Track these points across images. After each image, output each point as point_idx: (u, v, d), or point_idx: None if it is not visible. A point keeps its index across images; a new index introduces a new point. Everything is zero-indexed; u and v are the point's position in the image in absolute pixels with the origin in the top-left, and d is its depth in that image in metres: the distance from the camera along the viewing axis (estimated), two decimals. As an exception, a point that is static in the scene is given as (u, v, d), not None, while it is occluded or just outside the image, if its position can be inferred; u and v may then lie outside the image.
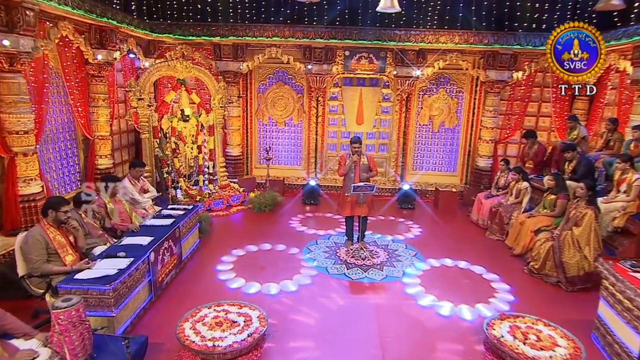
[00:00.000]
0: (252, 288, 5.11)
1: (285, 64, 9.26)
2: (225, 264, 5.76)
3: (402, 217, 8.21)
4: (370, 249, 6.40)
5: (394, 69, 9.07)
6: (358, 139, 6.07)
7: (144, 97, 7.20)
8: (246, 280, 5.29)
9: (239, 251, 6.19)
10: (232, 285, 5.17)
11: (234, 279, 5.34)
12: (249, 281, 5.26)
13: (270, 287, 5.14)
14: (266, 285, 5.17)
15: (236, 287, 5.13)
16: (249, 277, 5.35)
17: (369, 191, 5.86)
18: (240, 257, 6.03)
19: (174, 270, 5.25)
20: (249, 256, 6.07)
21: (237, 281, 5.27)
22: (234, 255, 6.04)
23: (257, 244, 6.46)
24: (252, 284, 5.21)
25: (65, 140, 7.06)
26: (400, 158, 9.78)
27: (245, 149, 9.98)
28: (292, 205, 8.72)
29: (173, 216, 5.60)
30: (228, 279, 5.32)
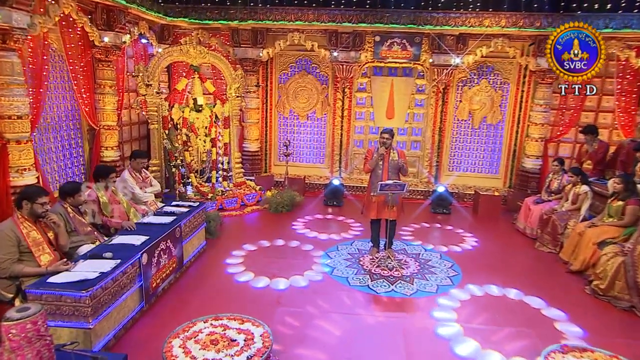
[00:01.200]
0: (260, 283, 4.76)
1: (309, 52, 8.75)
2: (234, 259, 5.27)
3: (437, 222, 7.50)
4: (398, 258, 5.76)
5: (429, 56, 8.39)
6: (389, 129, 5.49)
7: (152, 84, 6.82)
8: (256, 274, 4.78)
9: (251, 246, 5.68)
10: (239, 279, 4.78)
11: (242, 273, 4.83)
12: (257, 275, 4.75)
13: (279, 282, 4.86)
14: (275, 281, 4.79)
15: (243, 281, 4.68)
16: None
17: (399, 191, 5.23)
18: (250, 251, 5.51)
19: (173, 275, 4.78)
20: (258, 251, 5.55)
21: (245, 276, 4.76)
22: (245, 250, 5.53)
23: (269, 240, 5.92)
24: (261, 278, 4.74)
25: (68, 129, 6.77)
26: (435, 157, 9.07)
27: (264, 144, 9.51)
28: (312, 206, 8.17)
29: (175, 214, 5.15)
30: (236, 273, 4.82)
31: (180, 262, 4.95)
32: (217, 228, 6.42)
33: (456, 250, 6.25)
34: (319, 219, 7.43)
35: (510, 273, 5.49)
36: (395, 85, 8.90)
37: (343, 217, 7.58)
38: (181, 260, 4.98)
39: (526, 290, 4.93)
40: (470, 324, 4.25)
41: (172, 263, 4.73)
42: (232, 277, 5.01)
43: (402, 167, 5.53)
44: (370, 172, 5.64)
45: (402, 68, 8.81)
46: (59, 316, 3.25)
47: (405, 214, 6.43)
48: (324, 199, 8.32)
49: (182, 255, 5.01)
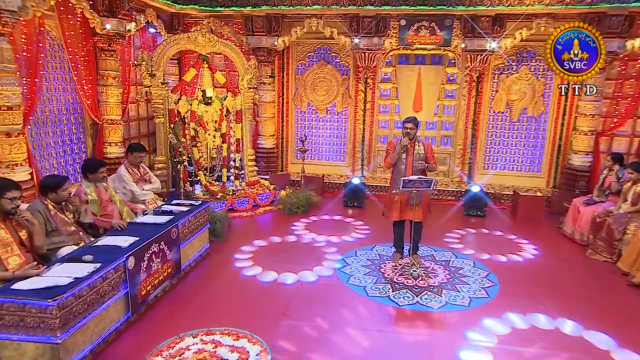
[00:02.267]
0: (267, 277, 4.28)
1: (328, 39, 8.31)
2: (243, 254, 4.86)
3: (470, 226, 6.88)
4: (424, 266, 5.21)
5: (462, 41, 7.78)
6: (412, 118, 5.01)
7: (157, 74, 6.54)
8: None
9: (261, 242, 5.27)
10: (247, 273, 4.35)
11: (251, 267, 4.41)
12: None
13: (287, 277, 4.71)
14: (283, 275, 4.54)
15: (250, 275, 4.22)
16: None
17: (424, 188, 4.69)
18: (260, 247, 5.10)
19: (168, 281, 4.41)
20: (268, 246, 5.13)
21: (253, 269, 4.34)
22: (255, 246, 5.11)
23: (281, 236, 5.51)
24: (269, 272, 4.27)
25: (69, 123, 6.57)
26: (468, 154, 8.44)
27: (280, 141, 9.13)
28: (331, 206, 7.70)
29: (173, 213, 4.80)
30: (244, 267, 4.41)
31: (177, 267, 4.58)
32: (223, 230, 6.06)
33: (493, 255, 5.64)
34: (329, 221, 6.95)
35: (558, 287, 4.84)
36: (423, 75, 8.33)
37: (352, 218, 7.10)
38: (178, 264, 4.61)
39: (584, 321, 4.05)
40: (509, 345, 3.67)
41: (167, 268, 4.37)
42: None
43: (428, 163, 5.00)
44: (393, 167, 5.14)
45: (431, 55, 8.24)
46: (23, 329, 2.90)
47: (433, 216, 5.87)
48: (344, 200, 7.84)
49: (180, 259, 4.64)
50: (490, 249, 5.88)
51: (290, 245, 5.84)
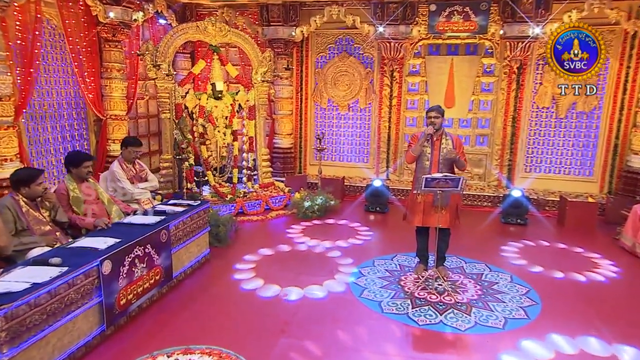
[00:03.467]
0: (269, 291, 3.77)
1: (351, 29, 7.91)
2: (245, 264, 4.47)
3: (509, 236, 6.24)
4: (452, 279, 4.67)
5: (500, 27, 7.20)
6: (438, 107, 4.55)
7: (162, 65, 6.31)
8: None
9: (267, 251, 4.86)
10: (246, 286, 3.86)
11: (251, 280, 4.01)
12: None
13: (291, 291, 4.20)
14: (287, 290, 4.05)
15: (250, 289, 3.81)
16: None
17: (450, 187, 4.16)
18: (265, 257, 4.69)
19: (156, 290, 4.08)
20: (275, 256, 4.71)
21: (254, 282, 3.94)
22: (260, 255, 4.71)
23: (291, 245, 5.07)
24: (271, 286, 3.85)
25: (71, 118, 6.43)
26: (508, 155, 7.79)
27: (298, 140, 8.75)
28: (350, 211, 7.26)
29: (167, 213, 4.47)
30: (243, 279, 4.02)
31: (167, 274, 4.24)
32: (229, 234, 5.71)
33: (534, 271, 5.01)
34: (346, 227, 6.47)
35: (616, 307, 4.19)
36: (456, 66, 7.78)
37: (372, 224, 6.57)
38: (169, 271, 4.27)
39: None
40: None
41: (155, 275, 4.03)
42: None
43: (456, 159, 4.47)
44: (416, 164, 4.65)
45: (465, 44, 7.69)
46: (-35, 341, 2.60)
47: (466, 223, 5.32)
48: (365, 204, 7.35)
49: (171, 266, 4.30)
50: (532, 261, 5.25)
51: (299, 254, 5.38)
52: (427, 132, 4.43)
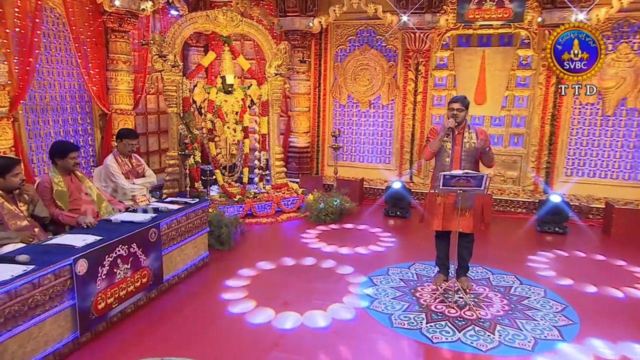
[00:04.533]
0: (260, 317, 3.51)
1: (373, 19, 7.62)
2: (238, 280, 4.21)
3: (545, 245, 5.76)
4: (475, 292, 4.27)
5: (538, 14, 6.75)
6: (461, 97, 4.20)
7: (168, 56, 6.18)
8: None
9: (268, 264, 4.58)
10: (233, 310, 3.64)
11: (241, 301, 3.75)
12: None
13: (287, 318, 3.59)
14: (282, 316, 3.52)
15: (237, 312, 3.56)
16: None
17: (473, 187, 3.79)
18: (264, 271, 4.41)
19: (143, 294, 3.86)
20: (276, 271, 4.43)
21: (243, 304, 3.67)
22: (259, 269, 4.43)
23: (296, 258, 4.77)
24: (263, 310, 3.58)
25: (74, 112, 6.38)
26: (546, 156, 7.29)
27: (315, 139, 8.49)
28: (368, 215, 6.96)
29: (160, 211, 4.27)
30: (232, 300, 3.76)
31: (157, 277, 4.02)
32: (233, 237, 5.49)
33: (572, 285, 4.54)
34: (363, 232, 6.13)
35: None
36: (489, 59, 7.36)
37: (391, 230, 6.19)
38: (159, 274, 4.06)
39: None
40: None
41: (142, 277, 3.81)
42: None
43: (484, 152, 4.10)
44: (435, 160, 4.30)
45: (498, 34, 7.25)
46: None
47: (496, 232, 4.91)
48: (384, 208, 7.00)
49: (162, 268, 4.08)
50: (570, 275, 4.77)
51: (304, 270, 4.80)
52: (447, 126, 4.08)
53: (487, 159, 4.16)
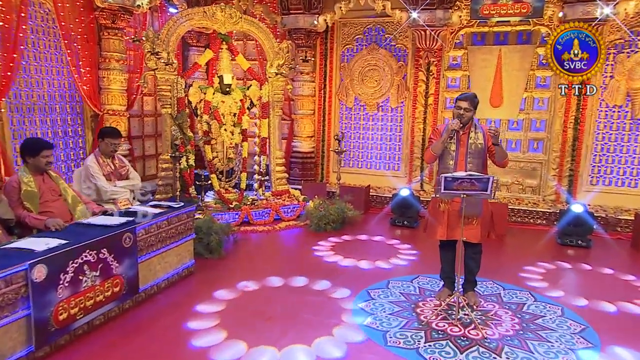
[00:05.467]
0: (228, 352, 3.23)
1: (381, 16, 7.45)
2: (211, 305, 3.98)
3: (566, 260, 5.42)
4: (483, 308, 3.98)
5: (559, 9, 6.50)
6: (469, 95, 4.05)
7: (161, 54, 6.08)
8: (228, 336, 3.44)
9: (250, 284, 4.35)
10: (197, 342, 3.37)
11: (209, 331, 3.53)
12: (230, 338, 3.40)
13: (262, 354, 3.22)
14: (256, 351, 3.24)
15: (202, 346, 3.31)
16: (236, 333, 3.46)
17: (477, 191, 3.52)
18: (245, 294, 4.19)
19: (115, 304, 3.67)
20: (259, 293, 4.21)
21: (211, 336, 3.45)
22: (238, 291, 4.20)
23: (285, 277, 4.52)
24: (234, 343, 3.33)
25: (64, 112, 6.33)
26: (569, 163, 6.96)
27: (320, 144, 8.30)
28: (373, 225, 6.73)
29: (140, 215, 4.11)
30: (198, 330, 3.54)
31: (132, 286, 3.84)
32: (224, 245, 5.32)
33: (595, 303, 4.21)
34: (366, 242, 5.88)
35: None
36: (505, 58, 7.10)
37: (396, 240, 5.92)
38: (134, 283, 3.87)
39: None
40: None
41: (114, 286, 3.63)
42: (188, 336, 3.44)
43: (499, 144, 3.88)
44: (439, 163, 4.07)
45: (516, 32, 7.01)
46: None
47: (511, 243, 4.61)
48: (391, 217, 6.74)
49: (137, 276, 3.90)
50: (592, 292, 4.44)
51: (292, 291, 4.32)
52: (451, 127, 3.84)
53: (499, 154, 3.90)
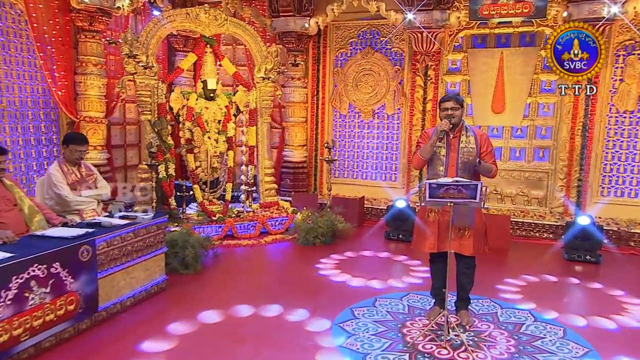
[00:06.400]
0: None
1: (376, 19, 7.35)
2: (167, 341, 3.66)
3: (572, 276, 5.20)
4: (477, 328, 3.78)
5: (564, 8, 6.37)
6: (455, 95, 3.94)
7: (140, 57, 5.99)
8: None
9: (213, 315, 4.03)
10: None
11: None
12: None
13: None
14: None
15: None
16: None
17: (465, 199, 3.35)
18: (205, 327, 3.97)
19: (69, 324, 3.50)
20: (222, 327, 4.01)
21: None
22: (197, 323, 3.93)
23: (256, 305, 4.27)
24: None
25: (37, 119, 6.21)
26: (577, 173, 6.76)
27: (313, 153, 8.16)
28: (366, 238, 6.55)
29: (101, 226, 3.96)
30: None
31: (90, 304, 3.66)
32: (201, 260, 5.16)
33: (602, 325, 3.99)
34: (357, 258, 5.69)
35: None
36: (508, 61, 6.97)
37: (390, 252, 5.72)
38: (93, 301, 3.69)
39: None
40: None
41: (67, 304, 3.45)
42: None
43: (477, 166, 3.70)
44: (428, 169, 3.92)
45: (519, 33, 6.89)
46: None
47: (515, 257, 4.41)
48: (386, 230, 6.56)
49: (97, 294, 3.73)
50: (598, 313, 4.22)
51: (261, 324, 3.89)
52: (440, 129, 3.69)
53: (483, 169, 3.76)
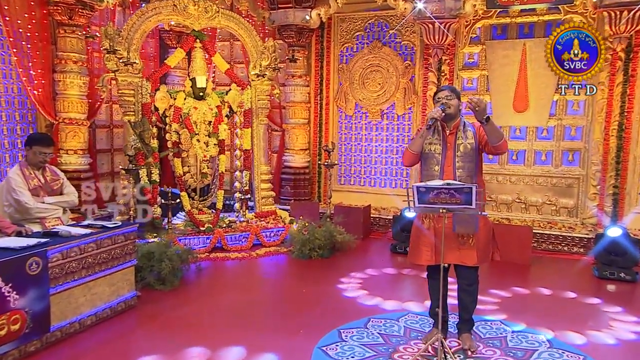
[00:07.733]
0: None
1: (384, 9, 7.26)
2: None
3: (602, 296, 4.86)
4: (480, 355, 3.51)
5: (593, -8, 6.09)
6: (450, 86, 4.13)
7: (121, 52, 5.92)
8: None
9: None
10: None
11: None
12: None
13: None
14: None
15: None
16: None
17: (459, 205, 3.09)
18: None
19: (13, 346, 3.33)
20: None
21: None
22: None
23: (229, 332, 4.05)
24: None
25: (12, 121, 6.22)
26: (612, 179, 6.42)
27: (316, 157, 8.01)
28: (371, 252, 6.32)
29: (59, 235, 3.83)
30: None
31: (40, 324, 3.51)
32: (180, 274, 5.02)
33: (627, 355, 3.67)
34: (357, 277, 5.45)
35: None
36: (531, 54, 6.77)
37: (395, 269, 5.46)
38: (43, 320, 3.53)
39: None
40: None
41: (10, 323, 3.29)
42: None
43: (487, 121, 3.41)
44: (421, 168, 3.71)
45: (543, 22, 6.69)
46: None
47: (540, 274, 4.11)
48: (392, 243, 6.31)
49: (48, 311, 3.58)
50: (630, 338, 3.89)
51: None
52: (431, 116, 3.48)
53: (492, 135, 3.42)
